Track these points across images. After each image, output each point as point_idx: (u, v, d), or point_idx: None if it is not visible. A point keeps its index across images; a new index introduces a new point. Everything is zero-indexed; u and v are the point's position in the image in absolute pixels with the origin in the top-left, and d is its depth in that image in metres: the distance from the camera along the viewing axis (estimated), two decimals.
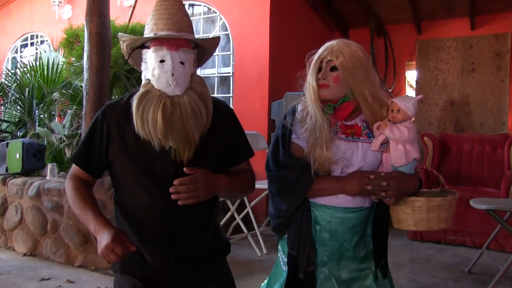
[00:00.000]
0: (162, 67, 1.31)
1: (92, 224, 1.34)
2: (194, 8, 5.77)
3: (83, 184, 1.44)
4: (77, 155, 1.46)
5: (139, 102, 1.30)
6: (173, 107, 1.29)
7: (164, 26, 1.33)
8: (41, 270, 3.48)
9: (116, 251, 1.22)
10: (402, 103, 1.47)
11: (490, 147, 4.92)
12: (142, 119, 1.29)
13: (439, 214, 1.45)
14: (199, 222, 1.46)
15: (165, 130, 1.28)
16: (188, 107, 1.30)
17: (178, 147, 1.32)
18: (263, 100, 4.95)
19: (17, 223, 4.02)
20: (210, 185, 1.35)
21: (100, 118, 1.41)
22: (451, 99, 5.97)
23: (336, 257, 1.53)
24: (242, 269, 3.45)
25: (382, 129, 1.47)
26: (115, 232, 1.27)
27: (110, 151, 1.40)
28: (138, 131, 1.31)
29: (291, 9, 5.49)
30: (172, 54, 1.31)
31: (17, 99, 5.41)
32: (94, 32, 3.55)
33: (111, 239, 1.23)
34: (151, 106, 1.29)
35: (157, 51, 1.31)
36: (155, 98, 1.29)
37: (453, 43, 6.00)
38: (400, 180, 1.42)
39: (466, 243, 4.26)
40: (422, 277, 3.41)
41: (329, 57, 1.52)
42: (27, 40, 7.49)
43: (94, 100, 3.56)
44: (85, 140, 1.45)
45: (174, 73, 1.30)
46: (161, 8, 1.35)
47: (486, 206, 3.11)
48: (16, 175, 4.23)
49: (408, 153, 1.46)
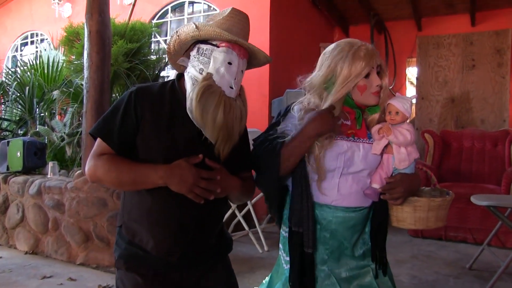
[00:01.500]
0: (229, 69, 1.37)
1: (158, 171, 1.33)
2: (194, 6, 5.77)
3: (115, 155, 1.40)
4: (108, 132, 1.39)
5: (203, 92, 1.33)
6: (230, 108, 1.36)
7: (240, 31, 1.42)
8: (42, 268, 3.49)
9: (203, 175, 1.33)
10: (400, 104, 1.46)
11: (491, 144, 4.91)
12: (202, 110, 1.33)
13: (437, 213, 1.49)
14: (210, 218, 1.48)
15: (221, 127, 1.34)
16: (238, 111, 1.38)
17: (221, 144, 1.38)
18: (264, 97, 4.96)
19: (18, 222, 4.03)
20: (228, 184, 1.42)
21: (134, 98, 1.40)
22: (452, 95, 5.96)
23: (336, 255, 1.53)
24: (244, 266, 3.46)
25: (385, 134, 1.46)
26: (188, 161, 1.34)
27: (140, 133, 1.39)
28: (196, 119, 1.34)
29: (291, 5, 5.49)
30: (239, 61, 1.40)
31: (18, 98, 5.42)
32: (94, 30, 3.55)
33: (192, 167, 1.32)
34: (214, 100, 1.33)
35: (228, 53, 1.37)
36: (217, 95, 1.34)
37: (453, 40, 5.99)
38: (407, 183, 1.46)
39: (467, 240, 4.27)
40: (423, 273, 3.42)
41: (377, 62, 1.50)
42: (27, 39, 7.49)
43: (95, 98, 3.56)
44: (118, 118, 1.39)
45: (236, 78, 1.39)
46: (236, 17, 1.43)
47: (487, 203, 3.11)
48: (17, 174, 4.24)
49: (409, 154, 1.47)
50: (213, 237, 1.52)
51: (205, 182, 1.34)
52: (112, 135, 1.39)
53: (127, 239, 1.45)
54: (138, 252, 1.43)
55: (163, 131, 1.39)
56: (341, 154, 1.46)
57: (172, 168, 1.32)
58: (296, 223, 1.49)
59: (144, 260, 1.43)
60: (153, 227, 1.41)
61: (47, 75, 5.58)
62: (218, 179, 1.36)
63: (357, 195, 1.50)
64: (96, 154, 1.41)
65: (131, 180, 1.36)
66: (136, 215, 1.44)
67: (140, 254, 1.43)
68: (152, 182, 1.34)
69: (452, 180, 4.73)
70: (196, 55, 1.40)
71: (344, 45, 1.52)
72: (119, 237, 1.49)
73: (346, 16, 6.58)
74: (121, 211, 1.52)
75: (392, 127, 1.47)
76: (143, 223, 1.42)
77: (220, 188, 1.37)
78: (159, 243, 1.41)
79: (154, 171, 1.33)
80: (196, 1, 5.68)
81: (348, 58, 1.47)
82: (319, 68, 1.57)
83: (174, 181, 1.32)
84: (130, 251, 1.44)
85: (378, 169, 1.51)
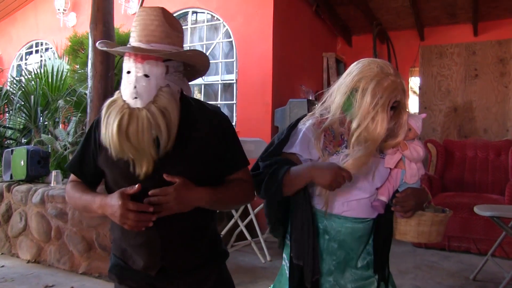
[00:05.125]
0: (127, 78, 1.30)
1: (96, 202, 1.35)
2: (197, 16, 5.81)
3: (79, 183, 1.49)
4: (72, 163, 1.50)
5: (107, 109, 1.31)
6: (130, 120, 1.27)
7: (136, 37, 1.32)
8: (45, 277, 3.49)
9: (130, 207, 1.25)
10: (413, 122, 1.53)
11: (494, 153, 4.90)
12: (105, 127, 1.29)
13: (439, 228, 1.55)
14: (188, 230, 1.42)
15: (118, 142, 1.27)
16: (145, 121, 1.27)
17: (134, 160, 1.31)
18: (267, 107, 4.97)
19: (21, 230, 4.03)
20: (183, 198, 1.31)
21: (95, 126, 1.44)
22: (455, 105, 5.96)
23: (342, 266, 1.55)
24: (246, 276, 3.45)
25: (400, 148, 1.52)
26: (119, 193, 1.28)
27: (99, 158, 1.40)
28: (101, 138, 1.33)
29: (294, 15, 5.52)
30: (137, 66, 1.29)
31: (22, 106, 5.44)
32: (98, 40, 3.57)
33: (120, 199, 1.27)
34: (113, 115, 1.28)
35: (125, 62, 1.32)
36: (118, 108, 1.28)
37: (456, 49, 6.01)
38: (418, 196, 1.51)
39: (470, 250, 4.24)
40: (426, 284, 3.39)
41: (397, 98, 1.47)
42: (32, 48, 7.54)
43: (98, 107, 3.56)
44: (79, 147, 1.48)
45: (136, 86, 1.28)
46: (138, 19, 1.34)
47: (491, 213, 3.10)
48: (20, 182, 4.25)
49: (419, 170, 1.55)
50: (199, 248, 1.46)
51: (133, 214, 1.26)
52: (74, 165, 1.48)
53: (115, 254, 1.49)
54: (124, 266, 1.45)
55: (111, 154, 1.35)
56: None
57: (106, 199, 1.32)
58: (297, 256, 1.51)
59: (129, 273, 1.44)
60: (129, 245, 1.42)
61: (51, 84, 5.60)
62: (151, 210, 1.27)
63: (365, 207, 1.53)
64: (69, 180, 1.52)
65: (82, 208, 1.43)
66: (116, 235, 1.47)
67: (125, 267, 1.45)
68: (94, 211, 1.38)
69: (455, 190, 4.71)
70: None
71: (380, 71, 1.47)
72: (112, 252, 1.53)
73: (349, 26, 6.61)
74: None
75: (407, 143, 1.53)
76: (121, 241, 1.44)
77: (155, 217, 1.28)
78: (136, 259, 1.42)
79: (93, 201, 1.36)
80: (199, 11, 5.72)
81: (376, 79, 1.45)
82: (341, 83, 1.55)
83: (107, 212, 1.31)
84: (118, 264, 1.46)
85: (386, 183, 1.55)
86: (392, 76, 1.46)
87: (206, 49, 5.61)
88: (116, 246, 1.48)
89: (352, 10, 5.91)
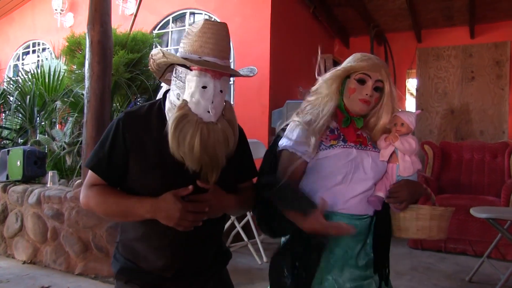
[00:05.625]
0: (203, 94, 1.31)
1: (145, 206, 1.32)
2: (195, 17, 5.81)
3: (106, 186, 1.42)
4: (97, 163, 1.41)
5: (177, 124, 1.30)
6: (208, 134, 1.31)
7: (210, 51, 1.32)
8: (41, 278, 3.47)
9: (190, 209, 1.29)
10: (406, 117, 1.54)
11: (490, 155, 4.92)
12: (178, 141, 1.30)
13: (440, 223, 1.52)
14: (209, 235, 1.48)
15: (200, 156, 1.30)
16: (220, 135, 1.33)
17: (207, 171, 1.35)
18: (264, 108, 4.97)
19: (17, 231, 4.02)
20: (220, 205, 1.39)
21: (121, 126, 1.39)
22: (451, 107, 5.98)
23: (340, 264, 1.54)
24: (243, 277, 3.44)
25: (391, 140, 1.53)
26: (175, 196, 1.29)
27: (130, 160, 1.39)
28: (172, 151, 1.32)
29: (292, 17, 5.53)
30: (215, 82, 1.32)
31: (19, 107, 5.42)
32: (95, 40, 3.57)
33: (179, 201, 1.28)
34: (188, 130, 1.29)
35: (200, 76, 1.31)
36: (193, 124, 1.30)
37: (453, 52, 6.03)
38: (411, 187, 1.50)
39: (467, 252, 4.25)
40: (423, 285, 3.40)
41: (378, 76, 1.54)
42: (29, 48, 7.53)
43: (95, 108, 3.57)
44: (106, 148, 1.40)
45: (214, 101, 1.32)
46: (209, 31, 1.33)
47: (487, 215, 3.11)
48: (16, 183, 4.23)
49: (413, 163, 1.54)
50: (210, 252, 1.52)
51: (192, 216, 1.30)
52: (101, 166, 1.40)
53: (124, 255, 1.47)
54: (135, 268, 1.45)
55: (152, 155, 1.37)
56: (350, 161, 1.51)
57: (159, 203, 1.31)
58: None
59: (141, 275, 1.45)
60: (149, 248, 1.42)
61: (48, 85, 5.59)
62: (207, 210, 1.33)
63: (362, 203, 1.53)
64: (88, 184, 1.43)
65: (120, 214, 1.38)
66: (132, 236, 1.45)
67: (137, 269, 1.45)
68: (140, 216, 1.35)
69: (452, 192, 4.72)
70: (174, 77, 1.38)
71: (359, 54, 1.59)
72: (117, 252, 1.52)
73: (347, 27, 6.62)
74: (120, 228, 1.54)
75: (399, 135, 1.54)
76: (139, 243, 1.43)
77: (207, 216, 1.34)
78: (153, 262, 1.42)
79: (141, 205, 1.33)
80: (197, 12, 5.72)
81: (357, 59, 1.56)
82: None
83: (160, 215, 1.31)
84: (128, 266, 1.46)
85: (383, 178, 1.55)
86: (374, 57, 1.56)
87: None
88: (126, 248, 1.47)
89: (350, 12, 5.92)
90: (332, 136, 1.56)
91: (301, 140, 1.51)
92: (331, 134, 1.56)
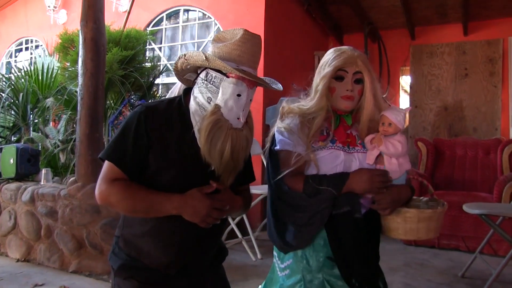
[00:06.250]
0: (237, 101, 1.34)
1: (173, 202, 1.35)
2: (189, 14, 5.80)
3: (130, 181, 1.39)
4: (120, 157, 1.37)
5: (211, 128, 1.32)
6: (237, 140, 1.35)
7: (247, 62, 1.36)
8: (34, 276, 3.46)
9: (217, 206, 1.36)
10: (393, 116, 1.51)
11: (483, 152, 4.95)
12: (210, 145, 1.33)
13: (428, 224, 1.51)
14: (211, 235, 1.50)
15: (228, 161, 1.35)
16: (244, 141, 1.37)
17: (226, 174, 1.39)
18: (258, 105, 4.97)
19: (10, 229, 4.00)
20: (232, 206, 1.44)
21: (144, 119, 1.38)
22: (445, 104, 6.01)
23: (330, 263, 1.54)
24: (237, 274, 3.45)
25: (376, 144, 1.51)
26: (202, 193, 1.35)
27: (151, 153, 1.38)
28: (203, 154, 1.34)
29: (286, 14, 5.52)
30: (249, 91, 1.36)
31: (12, 104, 5.40)
32: (89, 37, 3.56)
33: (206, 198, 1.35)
34: (221, 136, 1.32)
35: (237, 84, 1.34)
36: (225, 129, 1.33)
37: (446, 49, 6.05)
38: (395, 194, 1.49)
39: (460, 248, 4.28)
40: (416, 281, 3.42)
41: (356, 68, 1.53)
42: (22, 45, 7.48)
43: (89, 105, 3.56)
44: (129, 141, 1.37)
45: (244, 109, 1.37)
46: (248, 43, 1.37)
47: (479, 211, 3.13)
48: (10, 180, 4.21)
49: (401, 165, 1.52)
50: (213, 250, 1.55)
51: (217, 212, 1.36)
52: (125, 160, 1.37)
53: (126, 251, 1.46)
54: (137, 264, 1.45)
55: (172, 152, 1.38)
56: (339, 165, 1.51)
57: (186, 199, 1.34)
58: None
59: (142, 271, 1.45)
60: (156, 244, 1.43)
61: (42, 82, 5.56)
62: (228, 208, 1.40)
63: None
64: (108, 179, 1.38)
65: (145, 209, 1.37)
66: (138, 231, 1.44)
67: (139, 265, 1.45)
68: (166, 212, 1.36)
69: (445, 188, 4.75)
70: (204, 80, 1.38)
71: (333, 50, 1.60)
72: (117, 247, 1.50)
73: (341, 25, 6.63)
74: (121, 223, 1.52)
75: (384, 138, 1.51)
76: (144, 239, 1.43)
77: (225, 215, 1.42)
78: (158, 258, 1.43)
79: (169, 201, 1.35)
80: (191, 9, 5.71)
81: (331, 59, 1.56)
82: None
83: (187, 212, 1.34)
84: (130, 262, 1.45)
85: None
86: (348, 50, 1.55)
87: (198, 47, 5.60)
88: (129, 243, 1.47)
89: (344, 9, 5.92)
90: (322, 137, 1.56)
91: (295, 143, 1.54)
92: (321, 135, 1.56)
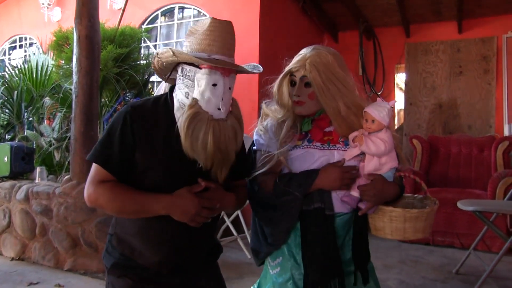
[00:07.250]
0: (214, 91, 1.32)
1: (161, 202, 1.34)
2: (184, 11, 5.78)
3: (118, 182, 1.38)
4: (107, 159, 1.36)
5: (190, 122, 1.30)
6: (220, 131, 1.32)
7: (219, 49, 1.34)
8: (29, 274, 3.46)
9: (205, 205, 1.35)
10: (376, 112, 1.44)
11: (478, 149, 4.98)
12: (191, 139, 1.30)
13: (415, 224, 1.46)
14: (204, 233, 1.49)
15: (213, 153, 1.32)
16: (230, 131, 1.35)
17: (217, 169, 1.37)
18: (253, 103, 4.96)
19: (5, 227, 3.99)
20: (224, 203, 1.43)
21: (129, 120, 1.36)
22: (440, 101, 6.03)
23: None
24: (232, 272, 3.46)
25: (358, 143, 1.45)
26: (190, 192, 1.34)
27: (136, 154, 1.37)
28: (186, 150, 1.32)
29: (281, 12, 5.52)
30: (225, 80, 1.33)
31: (6, 102, 5.37)
32: (83, 35, 3.54)
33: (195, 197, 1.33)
34: (201, 128, 1.30)
35: (211, 74, 1.31)
36: (205, 121, 1.30)
37: (441, 46, 6.08)
38: (379, 186, 1.45)
39: (454, 244, 4.31)
40: (411, 278, 3.44)
41: (302, 72, 1.52)
42: (16, 43, 7.44)
43: (84, 103, 3.54)
44: (115, 142, 1.36)
45: (223, 98, 1.33)
46: (216, 30, 1.35)
47: (473, 208, 3.15)
48: (4, 179, 4.20)
49: (384, 164, 1.46)
50: (206, 248, 1.55)
51: (206, 211, 1.35)
52: (112, 162, 1.36)
53: (119, 249, 1.46)
54: (130, 262, 1.44)
55: (160, 150, 1.37)
56: (314, 163, 1.49)
57: (174, 199, 1.33)
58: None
59: (136, 269, 1.44)
60: (147, 243, 1.42)
61: (36, 80, 5.53)
62: (218, 207, 1.38)
63: (335, 202, 1.50)
64: (96, 180, 1.38)
65: (133, 210, 1.36)
66: (129, 230, 1.44)
67: (132, 264, 1.44)
68: (154, 212, 1.35)
69: (440, 185, 4.77)
70: (181, 76, 1.37)
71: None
72: (110, 246, 1.50)
73: (336, 22, 6.63)
74: (114, 221, 1.52)
75: (367, 136, 1.46)
76: (136, 238, 1.43)
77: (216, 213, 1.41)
78: (150, 257, 1.43)
79: (157, 202, 1.34)
80: (186, 7, 5.69)
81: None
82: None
83: (176, 212, 1.33)
84: (123, 260, 1.45)
85: (357, 178, 1.49)
86: (300, 54, 1.59)
87: None
88: (121, 242, 1.46)
89: (339, 6, 5.93)
90: (300, 136, 1.54)
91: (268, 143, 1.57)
92: (300, 134, 1.55)
